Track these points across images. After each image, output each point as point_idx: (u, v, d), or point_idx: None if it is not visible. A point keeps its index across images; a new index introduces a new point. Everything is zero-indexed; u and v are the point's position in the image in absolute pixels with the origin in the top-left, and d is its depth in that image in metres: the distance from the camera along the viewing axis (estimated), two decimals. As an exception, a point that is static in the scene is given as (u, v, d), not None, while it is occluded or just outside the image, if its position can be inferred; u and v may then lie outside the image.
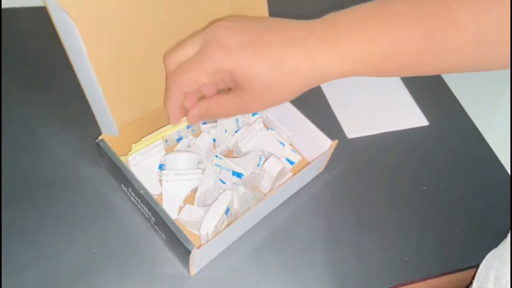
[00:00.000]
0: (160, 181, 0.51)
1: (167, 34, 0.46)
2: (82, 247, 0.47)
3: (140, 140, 0.51)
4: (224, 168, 0.51)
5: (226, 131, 0.55)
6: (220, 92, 0.40)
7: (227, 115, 0.40)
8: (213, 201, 0.46)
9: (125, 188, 0.49)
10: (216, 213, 0.44)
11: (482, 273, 0.46)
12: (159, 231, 0.47)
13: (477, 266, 0.48)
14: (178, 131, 0.54)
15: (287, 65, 0.35)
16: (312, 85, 0.36)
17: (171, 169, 0.50)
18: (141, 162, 0.51)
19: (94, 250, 0.48)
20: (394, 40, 0.35)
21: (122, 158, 0.48)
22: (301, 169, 0.51)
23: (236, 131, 0.56)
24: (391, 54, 0.35)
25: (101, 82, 0.40)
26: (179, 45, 0.39)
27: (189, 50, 0.38)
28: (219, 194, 0.47)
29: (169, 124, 0.52)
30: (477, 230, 0.55)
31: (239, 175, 0.50)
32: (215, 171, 0.51)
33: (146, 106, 0.51)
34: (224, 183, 0.51)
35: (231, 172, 0.50)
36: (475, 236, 0.54)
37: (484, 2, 0.34)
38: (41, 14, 0.69)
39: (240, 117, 0.56)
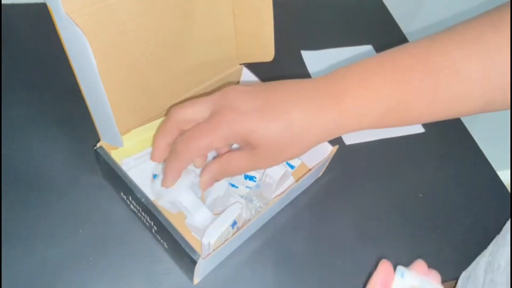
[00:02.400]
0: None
1: (171, 42, 0.46)
2: (78, 255, 0.46)
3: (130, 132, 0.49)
4: None
5: None
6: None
7: (240, 172, 0.41)
8: (223, 209, 0.45)
9: (124, 196, 0.48)
10: (222, 225, 0.43)
11: (472, 264, 0.47)
12: (161, 240, 0.46)
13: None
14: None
15: (295, 126, 0.36)
16: (323, 141, 0.38)
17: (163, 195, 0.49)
18: (135, 167, 0.50)
19: (91, 258, 0.47)
20: (400, 95, 0.36)
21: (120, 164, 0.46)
22: (302, 174, 0.51)
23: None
24: (397, 108, 0.36)
25: (109, 95, 0.39)
26: (188, 102, 0.40)
27: (198, 110, 0.39)
28: (229, 205, 0.46)
29: (161, 118, 0.50)
30: (473, 237, 0.56)
31: (251, 178, 0.50)
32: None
33: (145, 113, 0.50)
34: (237, 187, 0.51)
35: (243, 176, 0.50)
36: (471, 243, 0.55)
37: (485, 49, 0.35)
38: (41, 11, 0.68)
39: None
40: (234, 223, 0.45)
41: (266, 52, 0.51)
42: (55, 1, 0.33)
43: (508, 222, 0.45)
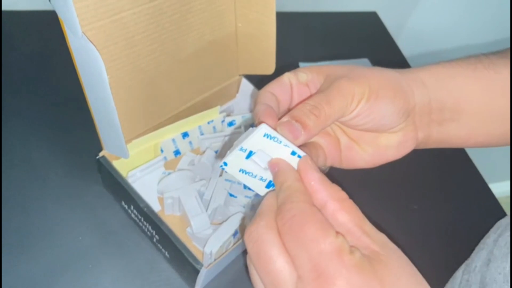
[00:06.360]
0: (159, 198, 0.51)
1: (175, 54, 0.47)
2: (77, 263, 0.46)
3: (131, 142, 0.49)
4: (235, 182, 0.50)
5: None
6: None
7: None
8: (223, 219, 0.46)
9: (125, 205, 0.48)
10: (223, 234, 0.44)
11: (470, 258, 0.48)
12: (162, 249, 0.46)
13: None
14: (173, 140, 0.54)
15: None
16: None
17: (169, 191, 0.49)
18: (140, 178, 0.50)
19: (90, 266, 0.47)
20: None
21: (123, 174, 0.47)
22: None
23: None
24: None
25: (119, 111, 0.40)
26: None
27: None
28: (229, 214, 0.46)
29: (162, 128, 0.51)
30: (466, 247, 0.57)
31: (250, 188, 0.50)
32: (225, 186, 0.51)
33: (147, 123, 0.50)
34: (236, 197, 0.51)
35: (242, 186, 0.50)
36: (466, 256, 0.56)
37: None
38: (41, 18, 0.68)
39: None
40: (236, 233, 0.45)
41: (267, 66, 0.52)
42: (70, 19, 0.33)
43: (491, 229, 0.46)
